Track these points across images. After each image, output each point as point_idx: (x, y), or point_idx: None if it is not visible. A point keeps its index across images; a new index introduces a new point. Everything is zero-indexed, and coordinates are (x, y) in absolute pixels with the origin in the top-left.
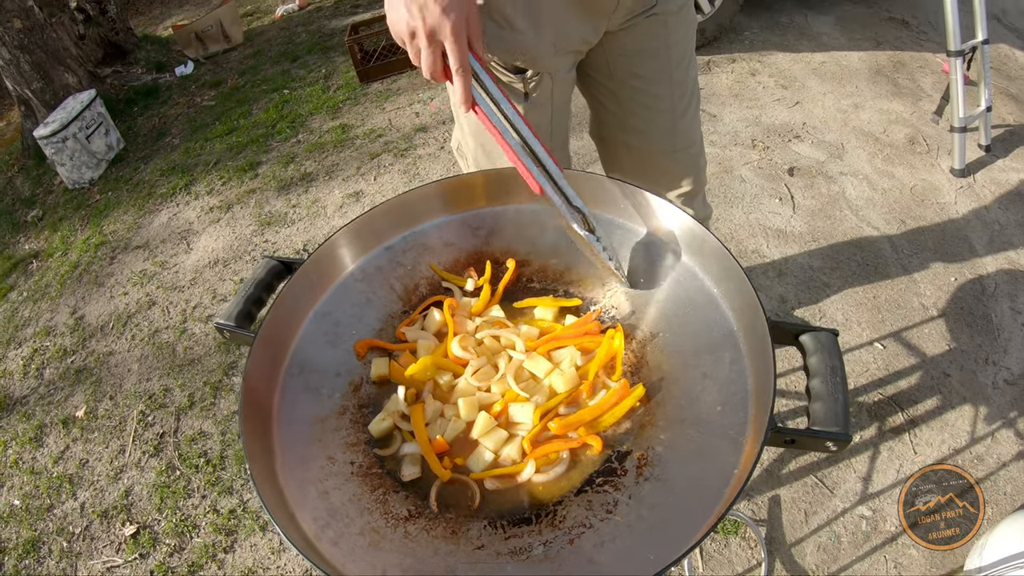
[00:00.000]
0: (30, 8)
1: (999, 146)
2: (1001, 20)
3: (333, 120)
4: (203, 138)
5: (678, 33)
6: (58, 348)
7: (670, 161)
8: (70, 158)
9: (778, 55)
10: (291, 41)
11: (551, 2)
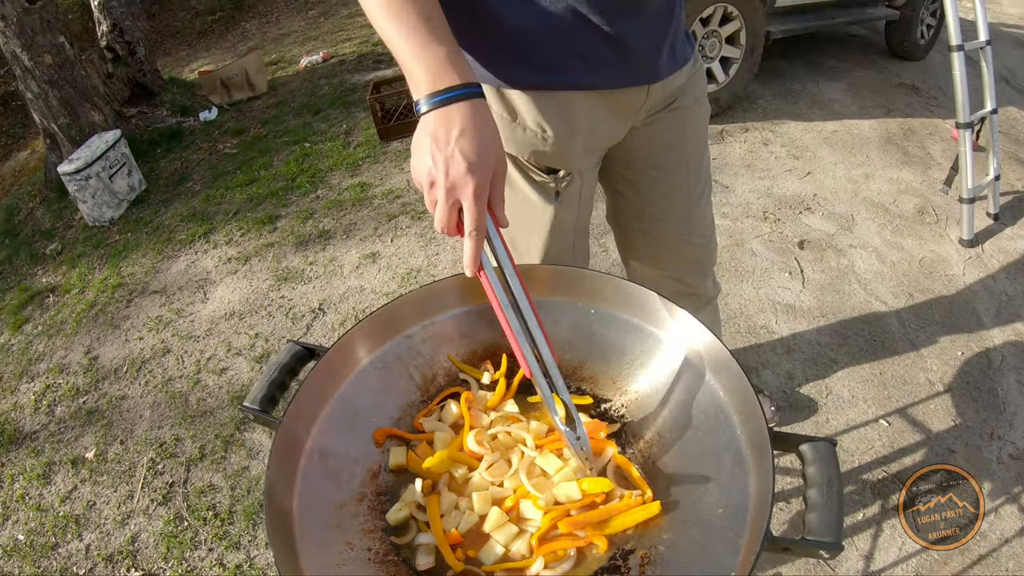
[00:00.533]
0: (61, 44)
1: (1007, 213)
2: (1010, 82)
3: (352, 178)
4: (224, 186)
5: (695, 124)
6: (71, 387)
7: (685, 245)
8: (92, 196)
9: (790, 124)
10: (314, 93)
11: (584, 108)
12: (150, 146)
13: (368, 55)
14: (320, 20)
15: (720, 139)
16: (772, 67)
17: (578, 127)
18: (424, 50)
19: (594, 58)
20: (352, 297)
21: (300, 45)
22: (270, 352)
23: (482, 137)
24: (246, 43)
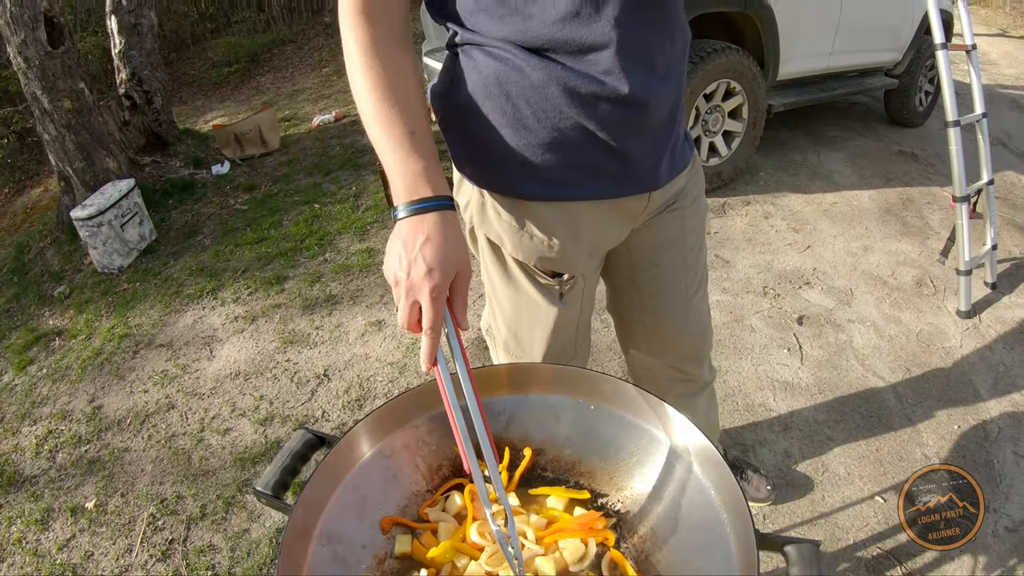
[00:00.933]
0: (81, 91)
1: (1005, 282)
2: (1007, 145)
3: (360, 242)
4: (233, 243)
5: (693, 222)
6: (73, 434)
7: (682, 336)
8: (103, 243)
9: (791, 196)
10: (325, 153)
11: (589, 216)
12: (162, 196)
13: None
14: (333, 78)
15: (722, 212)
16: (774, 137)
17: (582, 235)
18: (404, 163)
19: (599, 171)
20: (357, 364)
21: (313, 103)
22: (274, 415)
23: (445, 246)
24: (260, 97)
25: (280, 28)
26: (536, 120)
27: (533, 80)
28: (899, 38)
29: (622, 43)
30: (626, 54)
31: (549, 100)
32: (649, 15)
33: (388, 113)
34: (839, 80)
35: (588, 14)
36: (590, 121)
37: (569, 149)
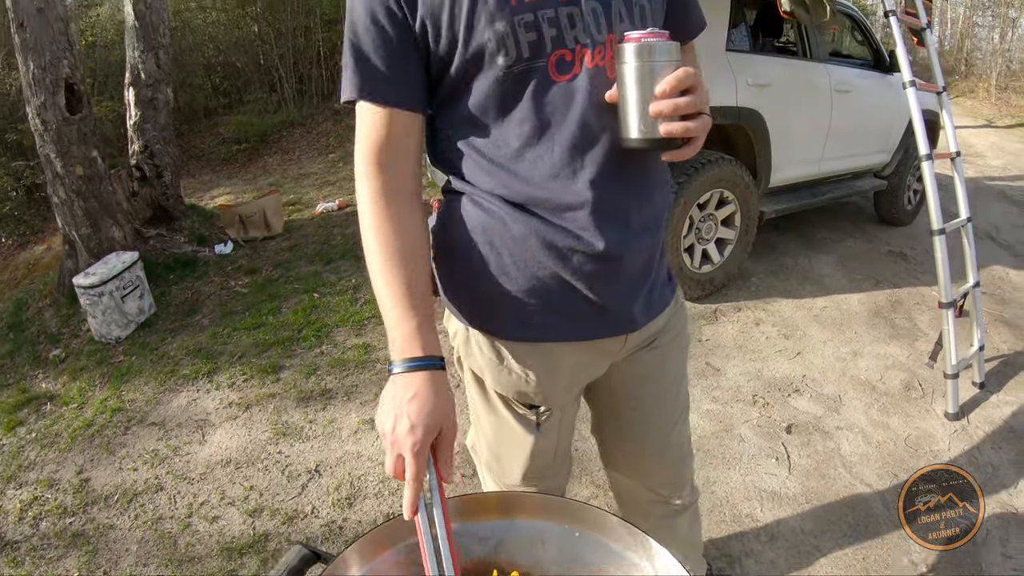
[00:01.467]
0: (94, 159)
1: (993, 380)
2: (995, 238)
3: (357, 337)
4: (231, 326)
5: (673, 359)
6: (58, 504)
7: (660, 464)
8: (102, 313)
9: (782, 301)
10: (327, 242)
11: (565, 355)
12: (164, 270)
13: None
14: (339, 165)
15: (714, 319)
16: (765, 241)
17: (560, 373)
18: (400, 320)
19: (576, 316)
20: (349, 462)
21: (318, 189)
22: (263, 508)
23: (430, 404)
24: (267, 178)
25: (290, 110)
26: (517, 268)
27: (514, 232)
28: (887, 140)
29: (597, 204)
30: (601, 213)
31: (529, 251)
32: (626, 178)
33: (389, 266)
34: (829, 184)
35: (567, 176)
36: (567, 272)
37: (547, 296)
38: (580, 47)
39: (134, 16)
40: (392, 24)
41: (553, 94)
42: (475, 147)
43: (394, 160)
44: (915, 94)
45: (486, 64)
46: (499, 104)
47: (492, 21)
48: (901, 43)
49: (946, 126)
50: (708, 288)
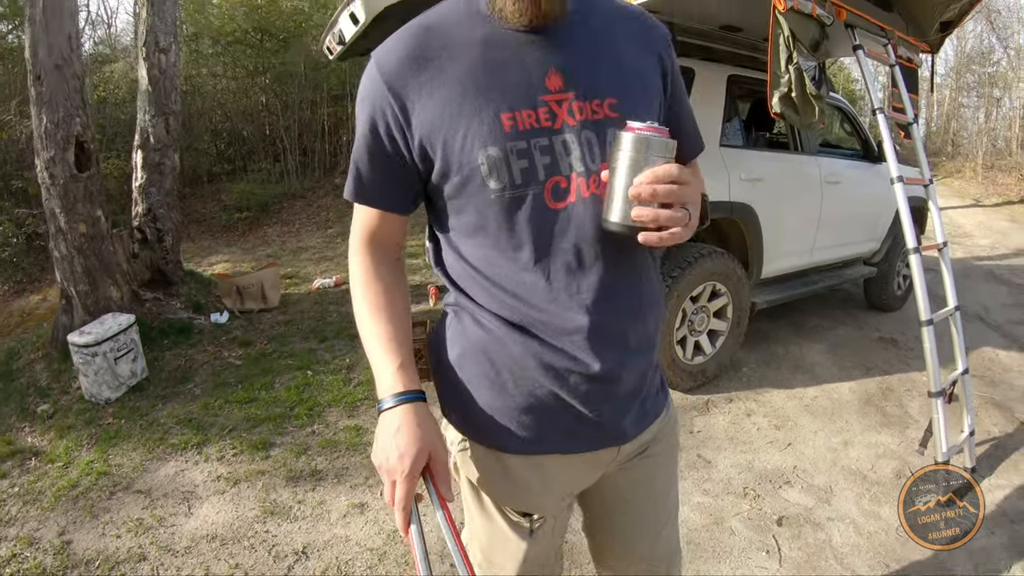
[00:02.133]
0: (98, 218)
1: (984, 464)
2: (984, 319)
3: (350, 418)
4: (223, 398)
5: (664, 466)
6: (37, 564)
7: (649, 563)
8: (95, 373)
9: (773, 392)
10: (322, 319)
11: (560, 466)
12: (159, 335)
13: None
14: (337, 240)
15: (706, 410)
16: (757, 329)
17: (553, 483)
18: (382, 363)
19: (571, 431)
20: (336, 546)
21: (315, 264)
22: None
23: (415, 433)
24: (266, 248)
25: (292, 182)
26: (515, 386)
27: (513, 353)
28: (876, 229)
29: (593, 328)
30: (597, 337)
31: (527, 371)
32: (621, 302)
33: (377, 324)
34: (820, 273)
35: (563, 301)
36: (563, 391)
37: (544, 412)
38: (575, 175)
39: (147, 81)
40: (387, 140)
41: (549, 220)
42: (474, 265)
43: (381, 244)
44: (902, 189)
45: (479, 187)
46: (495, 226)
47: (485, 146)
48: (889, 140)
49: (933, 218)
50: (700, 379)
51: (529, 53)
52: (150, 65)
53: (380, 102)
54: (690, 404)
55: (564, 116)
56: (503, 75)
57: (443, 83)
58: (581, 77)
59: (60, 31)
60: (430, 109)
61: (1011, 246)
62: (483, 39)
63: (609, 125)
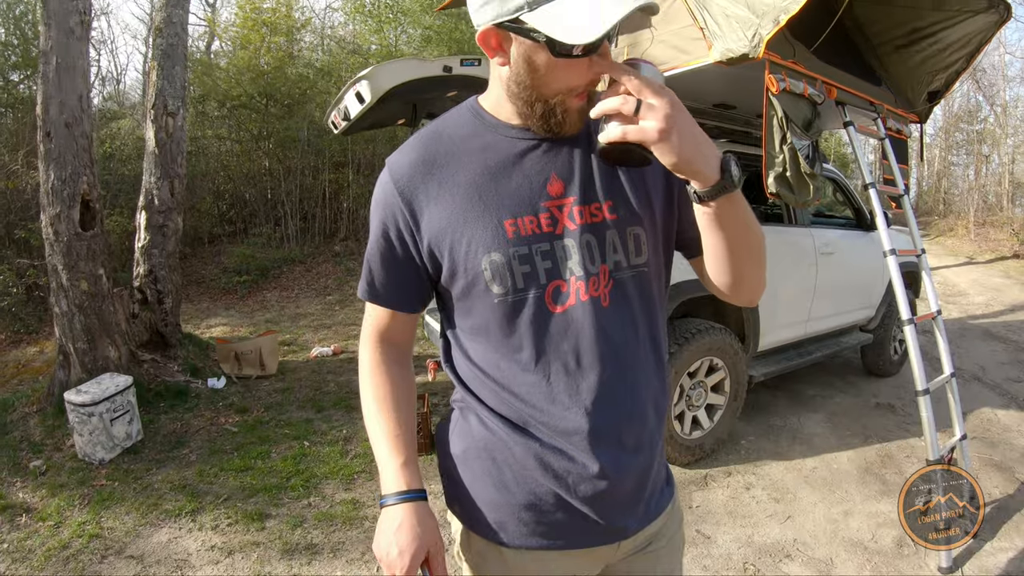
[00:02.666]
0: (100, 276)
1: (986, 526)
2: (981, 379)
3: (346, 491)
4: (219, 466)
5: (667, 560)
6: None
7: None
8: (90, 432)
9: (772, 464)
10: (320, 388)
11: (559, 561)
12: (155, 397)
13: None
14: (336, 308)
15: (704, 485)
16: (755, 401)
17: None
18: (386, 460)
19: (571, 528)
20: None
21: (314, 331)
22: None
23: (415, 531)
24: (264, 313)
25: (292, 247)
26: (516, 484)
27: (515, 453)
28: (871, 296)
29: (593, 429)
30: (596, 438)
31: (528, 470)
32: (621, 402)
33: (382, 418)
34: (817, 343)
35: (563, 402)
36: (563, 490)
37: (544, 510)
38: (574, 279)
39: (155, 143)
40: (398, 243)
41: (549, 323)
42: (479, 365)
43: (391, 340)
44: (895, 262)
45: (484, 290)
46: (498, 327)
47: (488, 252)
48: (881, 215)
49: (926, 288)
50: (698, 454)
51: (530, 160)
52: (158, 128)
53: (392, 207)
54: (688, 479)
55: (565, 221)
56: (506, 183)
57: (450, 190)
58: (580, 181)
59: (72, 90)
60: (438, 215)
61: (1006, 302)
62: (487, 147)
63: (608, 228)
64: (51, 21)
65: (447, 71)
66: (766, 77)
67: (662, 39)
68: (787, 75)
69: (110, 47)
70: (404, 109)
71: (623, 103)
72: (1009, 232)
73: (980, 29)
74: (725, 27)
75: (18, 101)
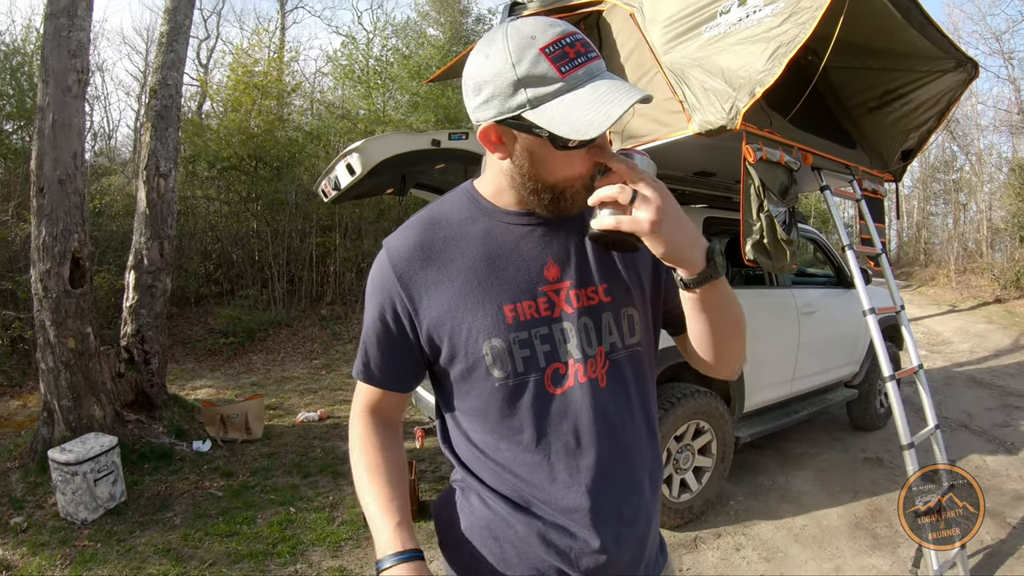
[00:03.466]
0: (87, 335)
1: (979, 573)
2: (968, 426)
3: (334, 559)
4: (204, 531)
5: None
6: None
7: None
8: (73, 492)
9: (761, 524)
10: (306, 454)
11: None
12: (139, 458)
13: None
14: (322, 372)
15: (694, 547)
16: (743, 461)
17: None
18: (380, 523)
19: None
20: None
21: (300, 395)
22: None
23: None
24: (250, 376)
25: (279, 310)
26: (518, 560)
27: (518, 531)
28: (855, 352)
29: (593, 506)
30: (597, 514)
31: (530, 547)
32: (619, 479)
33: (374, 485)
34: (802, 401)
35: (564, 481)
36: (565, 565)
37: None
38: (572, 361)
39: (146, 203)
40: (395, 327)
41: (548, 405)
42: (479, 446)
43: (381, 415)
44: (875, 321)
45: (484, 375)
46: (498, 410)
47: (489, 337)
48: (859, 274)
49: (907, 344)
50: (687, 516)
51: (528, 245)
52: (149, 188)
53: (390, 291)
54: (678, 542)
55: (562, 305)
56: (504, 268)
57: (448, 276)
58: (576, 265)
59: (67, 147)
60: (437, 301)
61: (990, 348)
62: (485, 232)
63: (604, 310)
64: (49, 78)
65: (435, 145)
66: (743, 148)
67: (643, 112)
68: (764, 144)
69: (104, 103)
70: (393, 180)
71: (620, 192)
72: (990, 278)
73: (950, 88)
74: (703, 100)
75: (11, 152)
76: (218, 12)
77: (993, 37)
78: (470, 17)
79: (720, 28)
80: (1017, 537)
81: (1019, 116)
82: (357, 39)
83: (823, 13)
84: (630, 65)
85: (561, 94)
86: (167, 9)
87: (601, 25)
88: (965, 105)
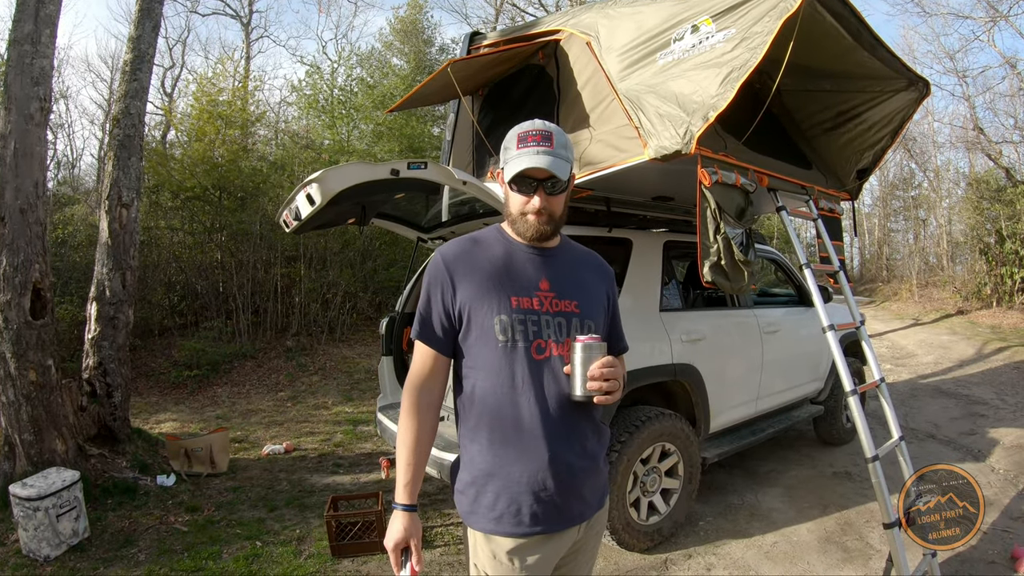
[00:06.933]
0: (48, 367)
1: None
2: (935, 436)
3: None
4: (169, 566)
5: (595, 539)
6: None
7: None
8: (35, 528)
9: (732, 543)
10: (272, 487)
11: (539, 547)
12: (102, 493)
13: (329, 455)
14: (288, 405)
15: (664, 568)
16: (711, 481)
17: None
18: (399, 477)
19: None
20: None
21: (265, 428)
22: None
23: (403, 530)
24: (215, 409)
25: (244, 342)
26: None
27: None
28: (819, 369)
29: (562, 443)
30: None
31: (520, 484)
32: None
33: (404, 451)
34: (768, 419)
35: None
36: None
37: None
38: (550, 341)
39: (108, 234)
40: (441, 302)
41: (531, 366)
42: (480, 397)
43: (428, 386)
44: (834, 337)
45: (492, 338)
46: (496, 366)
47: (499, 314)
48: (817, 293)
49: (868, 359)
50: (656, 539)
51: (531, 265)
52: (111, 219)
53: (442, 279)
54: (648, 564)
55: (548, 305)
56: (514, 276)
57: (479, 273)
58: (559, 285)
59: (28, 176)
60: (468, 289)
61: (954, 358)
62: (505, 252)
63: (573, 316)
64: (12, 105)
65: (395, 174)
66: (699, 171)
67: (600, 139)
68: (719, 168)
69: (67, 131)
70: (354, 210)
71: (618, 392)
72: (952, 290)
73: (902, 107)
74: (659, 125)
75: None
76: (183, 40)
77: (947, 56)
78: (433, 47)
79: (674, 55)
80: (988, 543)
81: (974, 132)
82: (322, 69)
83: (773, 37)
84: (587, 92)
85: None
86: (131, 37)
87: (559, 54)
88: (922, 123)
